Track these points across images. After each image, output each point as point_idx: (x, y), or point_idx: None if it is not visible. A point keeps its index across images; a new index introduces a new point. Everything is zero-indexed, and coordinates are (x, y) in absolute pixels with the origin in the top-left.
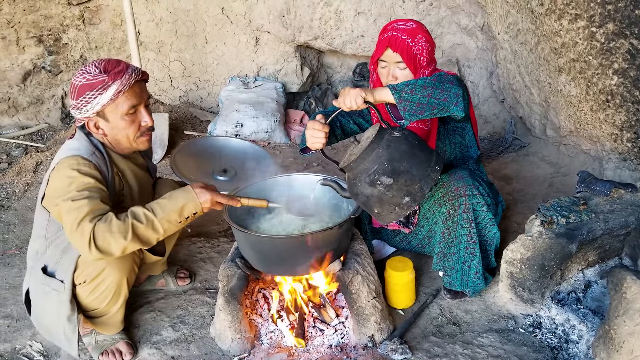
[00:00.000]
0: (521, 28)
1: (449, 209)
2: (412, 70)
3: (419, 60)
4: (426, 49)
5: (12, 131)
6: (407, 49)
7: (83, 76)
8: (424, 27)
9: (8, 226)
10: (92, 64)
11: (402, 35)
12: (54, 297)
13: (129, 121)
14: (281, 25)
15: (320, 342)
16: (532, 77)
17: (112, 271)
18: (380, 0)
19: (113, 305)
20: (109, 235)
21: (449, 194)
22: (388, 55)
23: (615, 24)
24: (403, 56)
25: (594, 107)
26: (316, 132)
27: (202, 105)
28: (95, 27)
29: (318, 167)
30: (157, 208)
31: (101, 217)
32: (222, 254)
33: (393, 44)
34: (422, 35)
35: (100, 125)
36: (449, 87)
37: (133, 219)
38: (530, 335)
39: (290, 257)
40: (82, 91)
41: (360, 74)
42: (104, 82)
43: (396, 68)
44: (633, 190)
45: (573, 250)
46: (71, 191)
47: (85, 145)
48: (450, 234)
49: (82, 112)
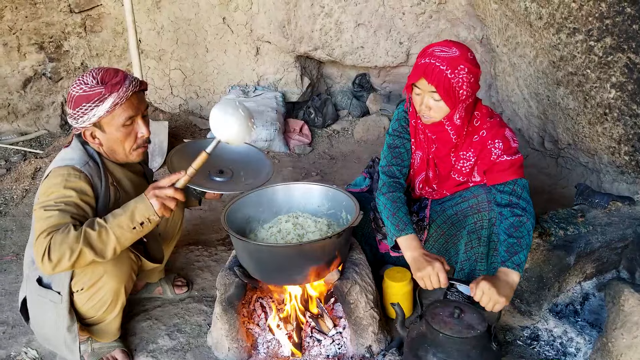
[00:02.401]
0: (520, 41)
1: (477, 220)
2: (449, 105)
3: (458, 94)
4: (467, 81)
5: (11, 137)
6: (445, 81)
7: (80, 87)
8: (469, 52)
9: (5, 232)
10: (90, 73)
11: (440, 64)
12: (52, 309)
13: (125, 133)
14: (282, 36)
15: (318, 352)
16: (530, 89)
17: (109, 279)
18: (380, 12)
19: (110, 313)
20: (64, 246)
21: (472, 207)
22: (423, 83)
23: (613, 38)
24: (439, 90)
25: (591, 120)
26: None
27: (201, 113)
28: (96, 34)
29: (317, 177)
30: (109, 216)
31: (59, 230)
32: (219, 263)
33: (429, 75)
34: (464, 66)
35: (97, 135)
36: (534, 221)
37: (86, 226)
38: (527, 347)
39: (289, 266)
40: (78, 102)
41: (360, 85)
42: (101, 94)
43: (430, 98)
44: (630, 203)
45: (571, 263)
46: (49, 200)
47: (80, 155)
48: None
49: (79, 122)
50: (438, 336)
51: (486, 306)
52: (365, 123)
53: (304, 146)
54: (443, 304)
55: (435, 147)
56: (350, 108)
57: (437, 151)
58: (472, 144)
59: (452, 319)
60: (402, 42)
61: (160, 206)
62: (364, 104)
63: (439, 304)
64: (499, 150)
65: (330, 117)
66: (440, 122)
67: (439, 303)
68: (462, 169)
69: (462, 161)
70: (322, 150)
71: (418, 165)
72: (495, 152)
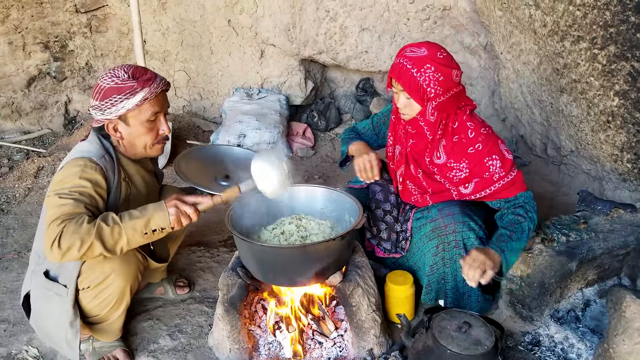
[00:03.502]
0: (524, 48)
1: (438, 244)
2: (418, 102)
3: (426, 92)
4: (434, 79)
5: (15, 136)
6: (411, 79)
7: (112, 79)
8: (439, 52)
9: (7, 230)
10: (121, 68)
11: (407, 63)
12: (57, 302)
13: (149, 128)
14: (286, 39)
15: (319, 355)
16: (533, 96)
17: (117, 278)
18: (385, 17)
19: (114, 312)
20: (75, 236)
21: (438, 229)
22: (394, 83)
23: (617, 47)
24: (405, 87)
25: (594, 127)
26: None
27: (205, 115)
28: (102, 35)
29: (319, 180)
30: (125, 214)
31: (72, 219)
32: (221, 264)
33: (397, 74)
34: (430, 65)
35: (120, 128)
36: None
37: (100, 220)
38: (529, 352)
39: (292, 267)
40: (109, 93)
41: (364, 89)
42: (133, 88)
43: (403, 96)
44: (633, 211)
45: (573, 269)
46: (64, 189)
47: (97, 148)
48: (439, 268)
49: (105, 114)
50: (445, 352)
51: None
52: None
53: (307, 149)
54: (450, 315)
55: (413, 142)
56: (353, 112)
57: (414, 145)
58: (467, 155)
59: (459, 333)
60: None
61: (176, 218)
62: (367, 109)
63: (446, 315)
64: (498, 169)
65: (334, 120)
66: (416, 118)
67: (445, 314)
68: (454, 178)
69: (455, 171)
70: (325, 153)
71: (398, 159)
72: (495, 172)
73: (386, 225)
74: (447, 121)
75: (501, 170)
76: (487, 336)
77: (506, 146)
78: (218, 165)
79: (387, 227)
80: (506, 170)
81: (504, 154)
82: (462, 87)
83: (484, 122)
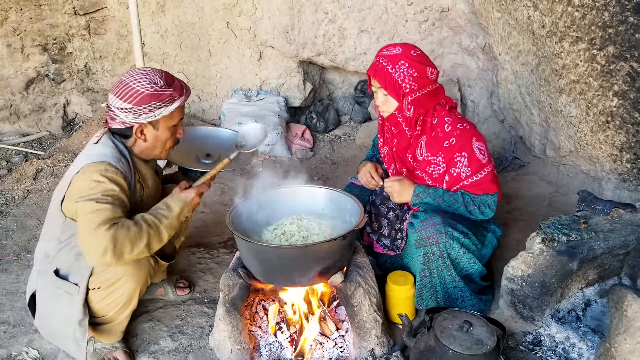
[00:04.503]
0: (522, 49)
1: (424, 254)
2: (395, 97)
3: (402, 87)
4: (409, 75)
5: (13, 138)
6: (386, 76)
7: (150, 85)
8: (413, 50)
9: (6, 232)
10: (154, 73)
11: (383, 61)
12: (66, 300)
13: (172, 133)
14: (285, 41)
15: (320, 356)
16: (532, 97)
17: (128, 280)
18: (383, 19)
19: (121, 314)
20: (126, 241)
21: (421, 240)
22: (372, 81)
23: (615, 47)
24: (381, 84)
25: (593, 128)
26: None
27: (203, 117)
28: (100, 37)
29: (318, 181)
30: (157, 215)
31: (117, 223)
32: (221, 265)
33: (373, 71)
34: (404, 61)
35: (146, 132)
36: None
37: (143, 223)
38: (530, 352)
39: (293, 267)
40: (147, 99)
41: (362, 91)
42: (172, 96)
43: (380, 93)
44: (633, 210)
45: (574, 268)
46: (96, 193)
47: (112, 151)
48: (426, 277)
49: (140, 118)
50: (447, 352)
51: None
52: (367, 129)
53: (306, 151)
54: (451, 315)
55: (396, 142)
56: (352, 114)
57: (398, 145)
58: (442, 149)
59: (461, 332)
60: None
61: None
62: (365, 110)
63: (447, 315)
64: (464, 168)
65: (332, 122)
66: (394, 114)
67: (447, 314)
68: (433, 173)
69: (434, 165)
70: (324, 155)
71: (387, 159)
72: (462, 170)
73: (388, 222)
74: (425, 117)
75: (468, 169)
76: (489, 336)
77: (484, 145)
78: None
79: (389, 223)
80: (473, 170)
81: (474, 152)
82: (440, 86)
83: (463, 119)
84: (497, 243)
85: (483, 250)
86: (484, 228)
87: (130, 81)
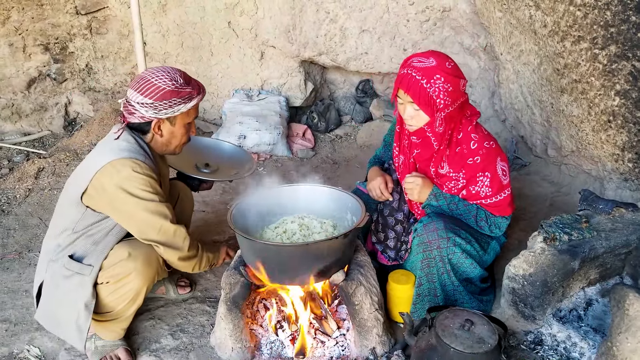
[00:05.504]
0: (524, 49)
1: (423, 259)
2: (428, 114)
3: (436, 103)
4: (444, 90)
5: (15, 137)
6: (421, 91)
7: (171, 82)
8: (448, 62)
9: (8, 231)
10: (174, 71)
11: (416, 74)
12: (77, 281)
13: (186, 130)
14: (286, 41)
15: (321, 354)
16: (534, 97)
17: (137, 276)
18: (385, 19)
19: (126, 311)
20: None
21: (423, 244)
22: (402, 94)
23: (617, 46)
24: (415, 99)
25: (595, 127)
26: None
27: (205, 116)
28: (102, 36)
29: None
30: (211, 258)
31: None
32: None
33: (405, 85)
34: (440, 75)
35: (163, 127)
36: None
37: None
38: (531, 351)
39: (294, 266)
40: (168, 95)
41: (363, 91)
42: (191, 94)
43: (411, 108)
44: (635, 210)
45: (575, 267)
46: (148, 193)
47: (135, 147)
48: (424, 283)
49: (160, 113)
50: (449, 351)
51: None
52: (368, 128)
53: (307, 150)
54: (453, 313)
55: (417, 152)
56: (353, 114)
57: (419, 155)
58: (465, 166)
59: (462, 331)
60: (406, 48)
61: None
62: (367, 110)
63: (449, 313)
64: (485, 188)
65: (334, 122)
66: (422, 128)
67: (449, 313)
68: (452, 189)
69: (454, 182)
70: (325, 155)
71: (402, 169)
72: (482, 190)
73: (395, 234)
74: (452, 132)
75: (489, 189)
76: (491, 334)
77: (507, 165)
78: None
79: (395, 236)
80: (494, 191)
81: (497, 172)
82: (467, 96)
83: (489, 135)
84: (500, 249)
85: (485, 256)
86: (488, 235)
87: (152, 77)
